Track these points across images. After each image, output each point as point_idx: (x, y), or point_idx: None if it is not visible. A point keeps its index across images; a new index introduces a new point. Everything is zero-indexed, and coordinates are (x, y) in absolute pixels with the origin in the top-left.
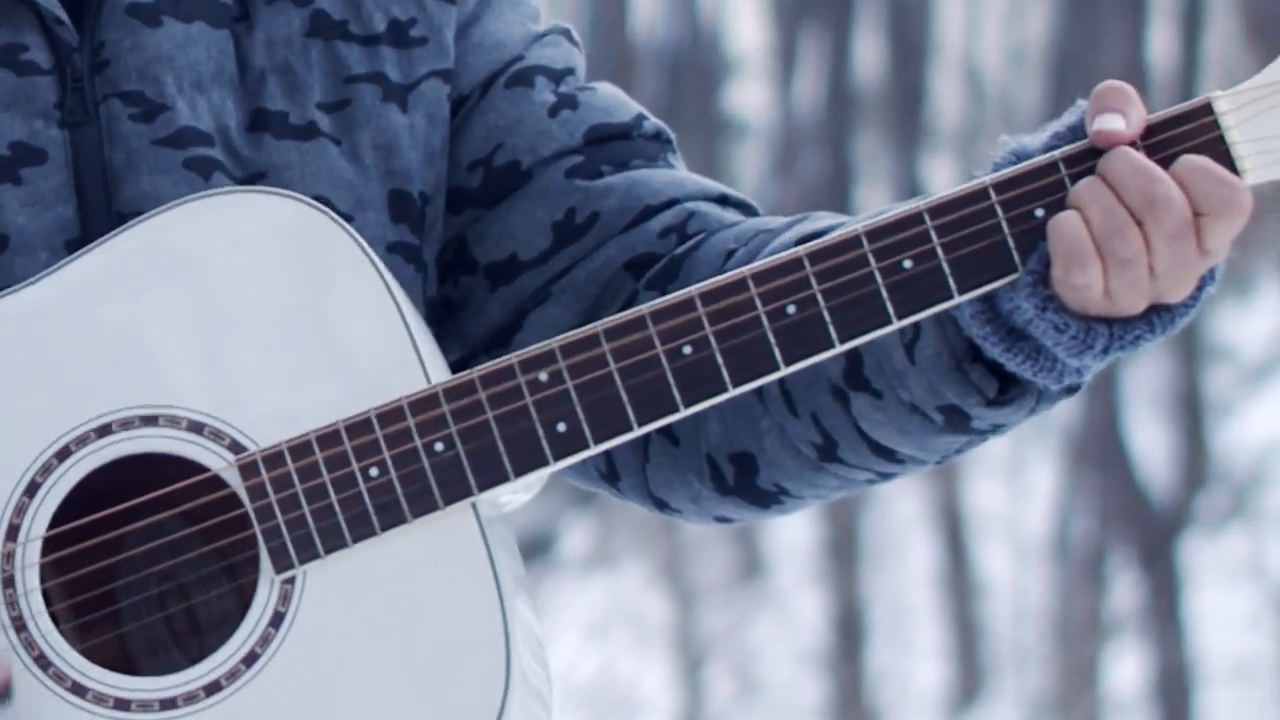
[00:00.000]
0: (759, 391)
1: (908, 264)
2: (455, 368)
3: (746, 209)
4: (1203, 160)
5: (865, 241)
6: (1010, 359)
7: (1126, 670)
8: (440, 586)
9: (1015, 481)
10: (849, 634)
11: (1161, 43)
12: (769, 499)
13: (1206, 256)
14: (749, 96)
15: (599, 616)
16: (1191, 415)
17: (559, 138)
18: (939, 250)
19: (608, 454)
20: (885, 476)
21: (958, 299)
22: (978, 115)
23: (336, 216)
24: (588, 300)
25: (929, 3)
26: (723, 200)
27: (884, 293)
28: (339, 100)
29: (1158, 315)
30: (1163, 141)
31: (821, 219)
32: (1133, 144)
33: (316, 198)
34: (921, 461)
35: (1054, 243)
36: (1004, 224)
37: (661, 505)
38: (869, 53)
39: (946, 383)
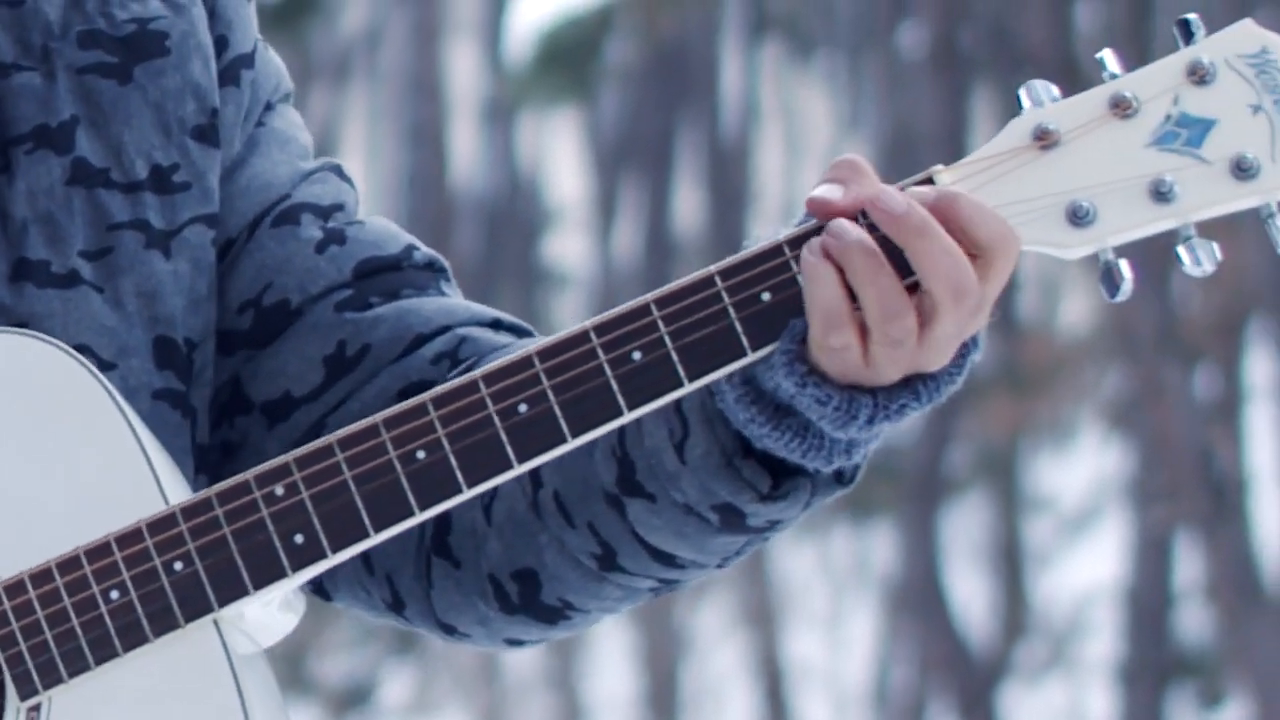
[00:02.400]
0: (535, 505)
1: (637, 355)
2: None
3: (520, 332)
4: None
5: (594, 335)
6: (778, 438)
7: None
8: (184, 707)
9: (834, 631)
10: None
11: None
12: (555, 615)
13: (977, 316)
14: (568, 246)
15: None
16: (1010, 565)
17: (327, 273)
18: (666, 339)
19: (392, 583)
20: (667, 584)
21: (688, 386)
22: None
23: (67, 347)
24: None
25: (748, 151)
26: (495, 324)
27: (614, 385)
28: (101, 248)
29: (923, 384)
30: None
31: None
32: (853, 216)
33: (78, 346)
34: (702, 566)
35: (810, 303)
36: (730, 309)
37: (450, 630)
38: (688, 201)
39: (719, 481)
